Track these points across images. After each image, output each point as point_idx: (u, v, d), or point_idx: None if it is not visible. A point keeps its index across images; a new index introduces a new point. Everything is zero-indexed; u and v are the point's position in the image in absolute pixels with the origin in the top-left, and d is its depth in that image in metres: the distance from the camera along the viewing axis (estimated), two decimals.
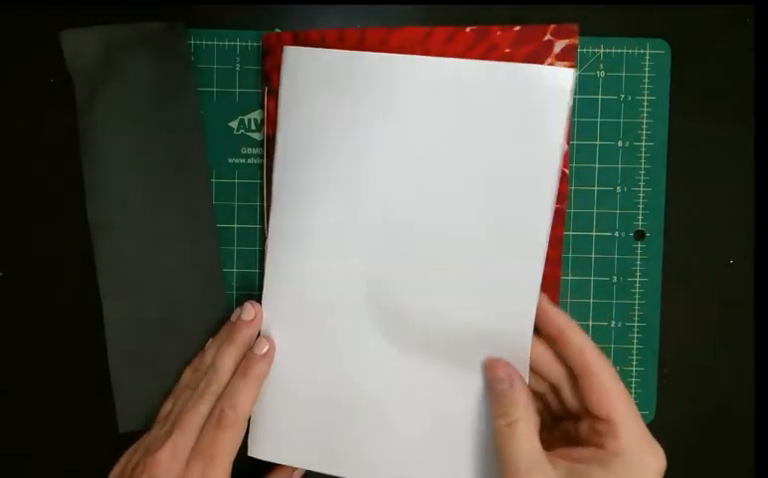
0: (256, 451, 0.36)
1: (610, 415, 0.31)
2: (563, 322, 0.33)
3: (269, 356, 0.35)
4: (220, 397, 0.33)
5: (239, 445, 0.33)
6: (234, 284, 0.38)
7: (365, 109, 0.34)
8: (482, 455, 0.35)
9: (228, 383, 0.34)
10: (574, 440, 0.33)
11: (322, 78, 0.35)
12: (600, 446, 0.31)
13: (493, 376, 0.33)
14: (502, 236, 0.34)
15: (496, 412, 0.32)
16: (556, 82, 0.33)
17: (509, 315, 0.34)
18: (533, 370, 0.34)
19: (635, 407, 0.31)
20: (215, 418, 0.32)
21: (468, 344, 0.34)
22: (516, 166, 0.34)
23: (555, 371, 0.34)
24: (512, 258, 0.34)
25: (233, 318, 0.36)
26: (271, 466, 0.37)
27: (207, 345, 0.36)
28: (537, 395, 0.35)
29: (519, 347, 0.34)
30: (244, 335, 0.35)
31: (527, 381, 0.33)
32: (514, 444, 0.31)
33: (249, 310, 0.35)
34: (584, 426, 0.32)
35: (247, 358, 0.35)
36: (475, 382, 0.35)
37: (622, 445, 0.30)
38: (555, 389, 0.34)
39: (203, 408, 0.33)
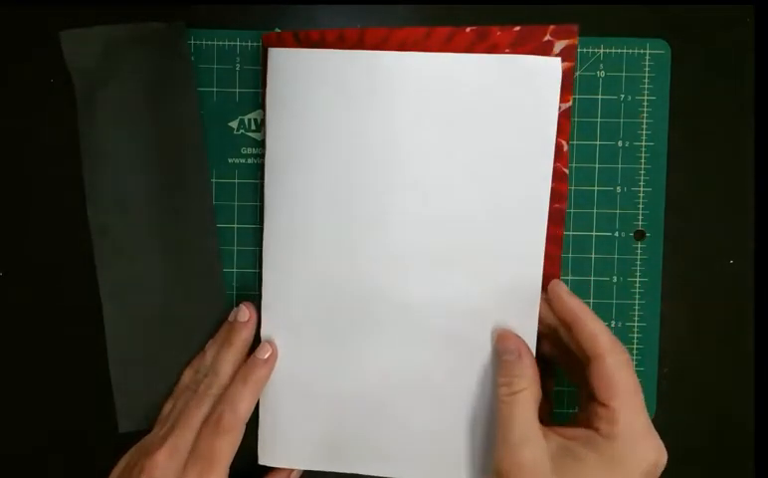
0: (266, 459, 0.36)
1: (610, 402, 0.31)
2: (579, 308, 0.33)
3: (270, 361, 0.35)
4: (220, 400, 0.33)
5: (236, 449, 0.33)
6: (234, 284, 0.38)
7: (355, 106, 0.34)
8: (488, 436, 0.35)
9: (228, 386, 0.34)
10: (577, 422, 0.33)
11: (309, 78, 0.34)
12: (595, 429, 0.31)
13: (503, 348, 0.34)
14: (502, 221, 0.34)
15: (501, 381, 0.33)
16: (546, 70, 0.34)
17: (514, 294, 0.34)
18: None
19: (640, 398, 0.31)
20: (213, 422, 0.32)
21: (473, 329, 0.35)
22: (512, 154, 0.34)
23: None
24: (513, 241, 0.34)
25: (230, 318, 0.36)
26: (269, 467, 0.37)
27: (207, 346, 0.36)
28: (549, 329, 0.35)
29: (526, 323, 0.34)
30: (242, 336, 0.35)
31: (534, 354, 0.34)
32: (513, 413, 0.32)
33: (243, 311, 0.35)
34: (589, 409, 0.32)
35: (249, 362, 0.35)
36: (482, 364, 0.35)
37: (616, 431, 0.30)
38: (566, 325, 0.34)
39: (203, 410, 0.33)
